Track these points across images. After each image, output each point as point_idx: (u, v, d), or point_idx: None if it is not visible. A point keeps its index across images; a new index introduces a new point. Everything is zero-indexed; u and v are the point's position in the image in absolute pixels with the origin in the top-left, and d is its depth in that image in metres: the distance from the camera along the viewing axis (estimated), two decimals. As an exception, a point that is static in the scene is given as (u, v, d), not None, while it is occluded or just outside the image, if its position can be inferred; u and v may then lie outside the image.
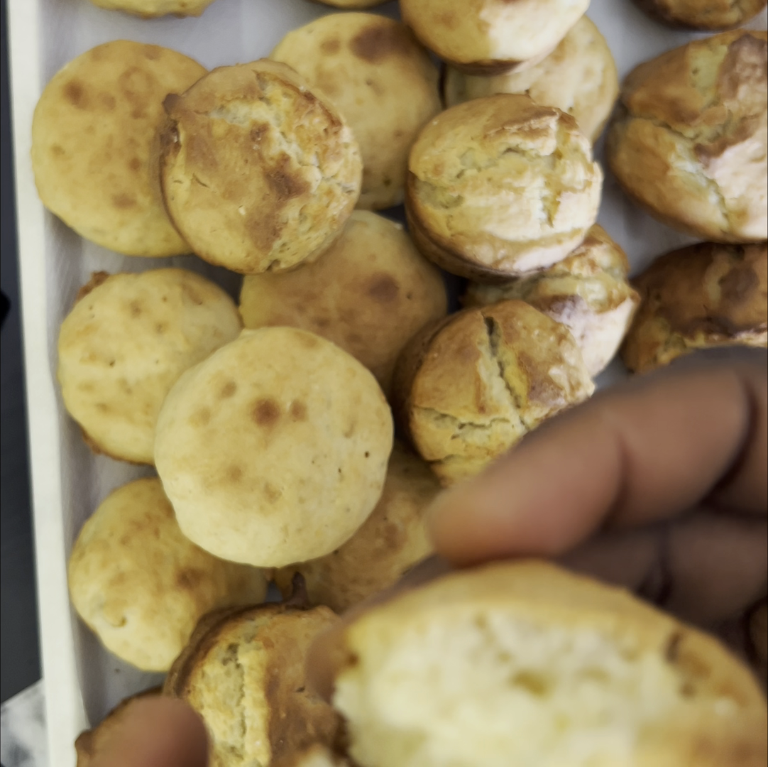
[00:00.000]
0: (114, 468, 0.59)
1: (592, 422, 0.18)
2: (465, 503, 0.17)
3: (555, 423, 0.19)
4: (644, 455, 0.18)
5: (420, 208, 0.51)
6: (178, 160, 0.47)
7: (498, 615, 0.15)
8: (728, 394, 0.18)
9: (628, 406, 0.18)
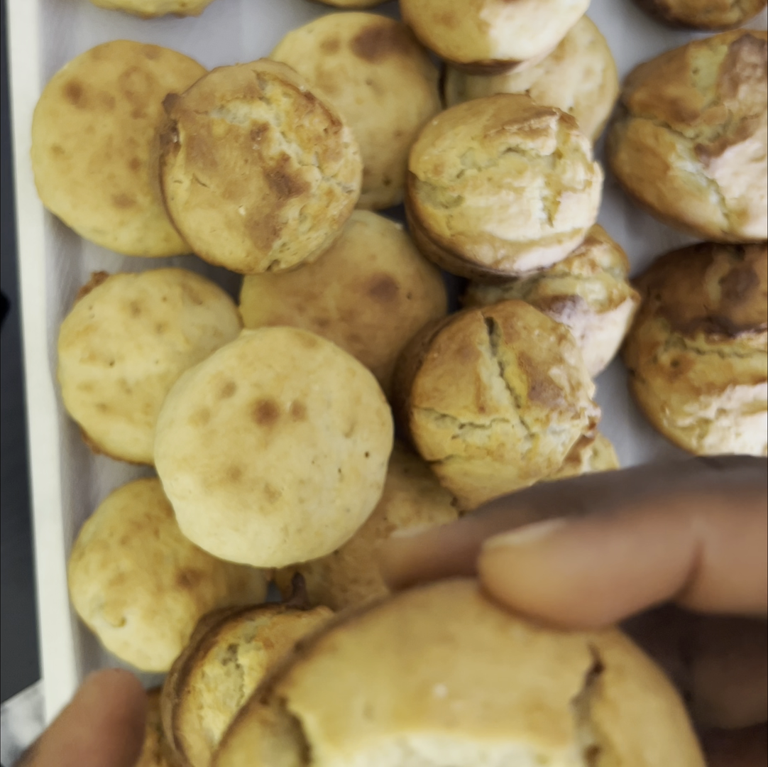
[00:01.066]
0: (114, 468, 0.59)
1: (676, 524, 0.17)
2: (516, 562, 0.17)
3: (641, 505, 0.17)
4: (718, 571, 0.17)
5: (420, 208, 0.51)
6: (178, 160, 0.47)
7: (417, 740, 0.16)
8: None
9: (723, 517, 0.17)
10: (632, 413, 0.64)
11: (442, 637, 0.17)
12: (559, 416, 0.48)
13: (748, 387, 0.54)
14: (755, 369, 0.54)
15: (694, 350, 0.56)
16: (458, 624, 0.17)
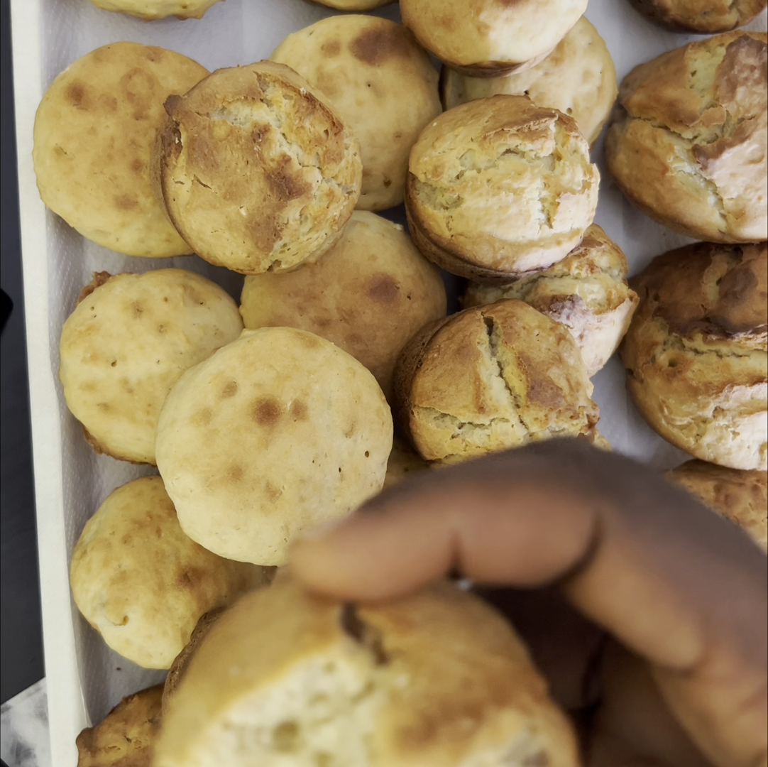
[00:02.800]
0: (116, 468, 0.59)
1: (435, 520, 0.20)
2: (308, 563, 0.20)
3: (404, 500, 0.20)
4: (474, 556, 0.20)
5: (420, 209, 0.52)
6: (180, 161, 0.47)
7: (233, 713, 0.18)
8: (576, 532, 0.20)
9: (476, 513, 0.20)
10: (630, 413, 0.64)
11: (224, 640, 0.20)
12: (558, 415, 0.48)
13: (746, 387, 0.55)
14: (753, 369, 0.55)
15: (691, 350, 0.57)
16: (233, 624, 0.21)
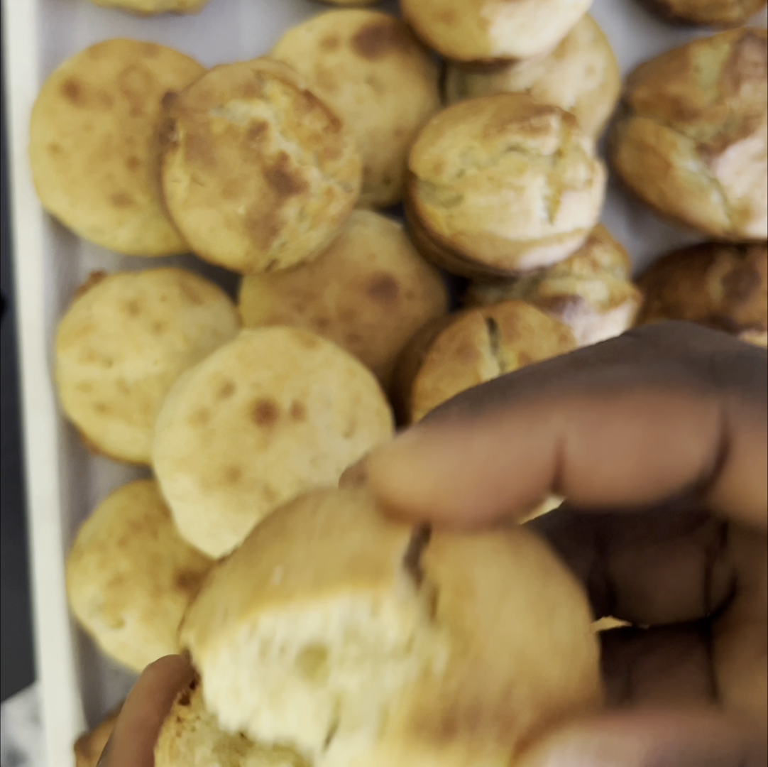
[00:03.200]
0: (112, 469, 0.58)
1: (536, 421, 0.18)
2: (389, 464, 0.18)
3: (503, 403, 0.18)
4: (581, 466, 0.17)
5: (420, 207, 0.51)
6: (177, 158, 0.47)
7: (265, 619, 0.17)
8: (699, 429, 0.17)
9: (583, 413, 0.17)
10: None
11: (278, 532, 0.19)
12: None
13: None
14: (757, 369, 0.54)
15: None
16: (293, 517, 0.19)
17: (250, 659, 0.17)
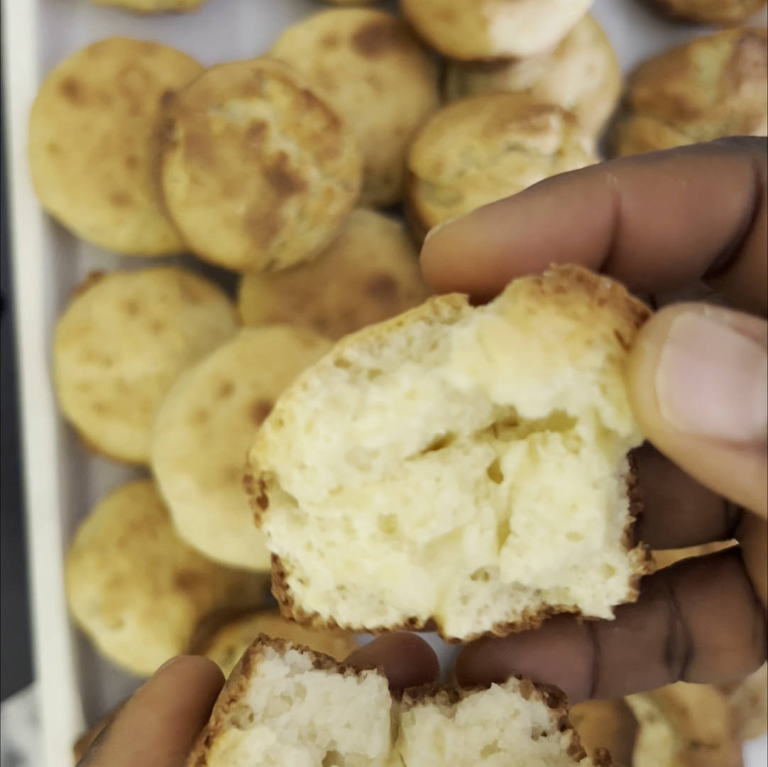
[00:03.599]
0: (111, 470, 0.58)
1: (592, 182, 0.18)
2: (454, 235, 0.19)
3: (560, 178, 0.19)
4: (637, 220, 0.18)
5: (420, 207, 0.51)
6: (176, 158, 0.47)
7: (349, 350, 0.19)
8: (737, 179, 0.18)
9: (634, 173, 0.19)
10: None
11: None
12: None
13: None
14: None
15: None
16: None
17: (341, 383, 0.19)
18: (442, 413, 0.19)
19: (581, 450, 0.18)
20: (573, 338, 0.17)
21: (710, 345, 0.16)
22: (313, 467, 0.19)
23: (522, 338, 0.17)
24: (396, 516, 0.19)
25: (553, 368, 0.17)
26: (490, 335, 0.17)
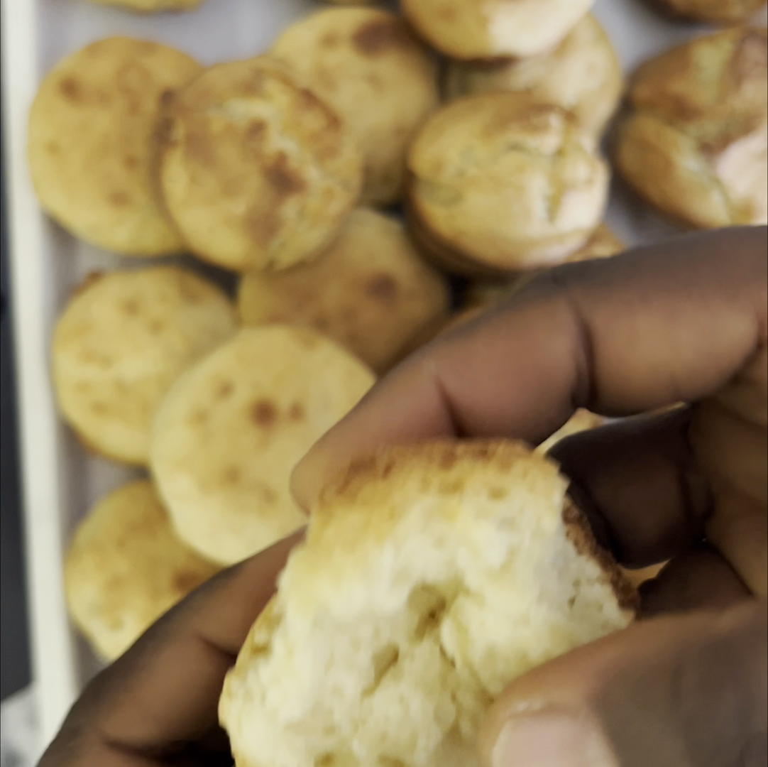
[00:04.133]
0: (110, 470, 0.58)
1: (412, 376, 0.19)
2: (302, 479, 0.19)
3: (384, 382, 0.19)
4: (464, 398, 0.18)
5: (420, 206, 0.51)
6: (176, 157, 0.47)
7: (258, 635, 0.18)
8: (554, 324, 0.18)
9: (449, 352, 0.19)
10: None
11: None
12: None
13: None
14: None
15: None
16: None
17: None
18: (345, 647, 0.18)
19: (486, 598, 0.17)
20: (369, 522, 0.16)
21: (534, 750, 0.16)
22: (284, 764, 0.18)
23: (322, 554, 0.16)
24: (385, 751, 0.18)
25: (366, 560, 0.16)
26: (297, 572, 0.17)
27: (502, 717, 0.16)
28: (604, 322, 0.18)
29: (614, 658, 0.15)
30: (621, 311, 0.18)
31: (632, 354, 0.18)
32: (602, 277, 0.18)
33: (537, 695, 0.16)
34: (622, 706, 0.15)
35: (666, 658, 0.15)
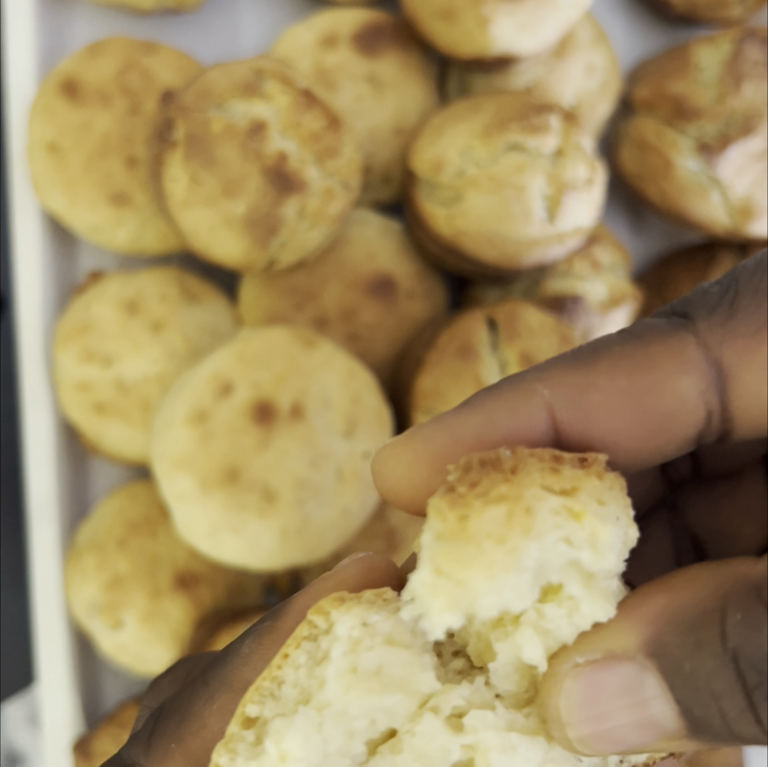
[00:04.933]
0: (111, 469, 0.58)
1: (521, 397, 0.19)
2: (387, 458, 0.19)
3: (489, 393, 0.19)
4: (576, 429, 0.18)
5: (420, 207, 0.51)
6: (176, 158, 0.47)
7: (250, 707, 0.18)
8: (682, 362, 0.18)
9: (566, 381, 0.18)
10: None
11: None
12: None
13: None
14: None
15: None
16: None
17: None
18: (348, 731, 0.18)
19: (581, 606, 0.18)
20: (512, 516, 0.17)
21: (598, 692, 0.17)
22: None
23: (471, 546, 0.17)
24: None
25: (516, 553, 0.17)
26: (445, 562, 0.17)
27: (565, 669, 0.17)
28: (736, 357, 0.18)
29: (662, 605, 0.17)
30: (751, 344, 0.17)
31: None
32: (725, 307, 0.18)
33: (595, 647, 0.17)
34: (674, 647, 0.16)
35: (711, 602, 0.16)
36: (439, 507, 0.17)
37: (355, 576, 0.20)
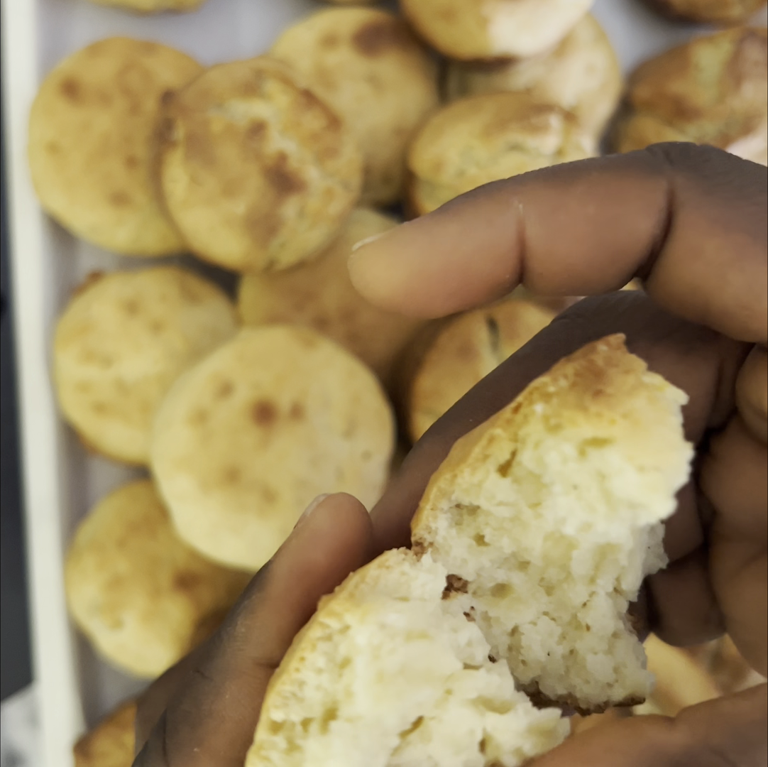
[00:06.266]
0: (111, 469, 0.58)
1: (497, 208, 0.19)
2: (365, 257, 0.19)
3: (467, 199, 0.19)
4: (541, 246, 0.19)
5: (420, 207, 0.51)
6: (176, 158, 0.47)
7: (274, 712, 0.18)
8: (647, 205, 0.18)
9: (540, 198, 0.19)
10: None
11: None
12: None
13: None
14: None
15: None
16: None
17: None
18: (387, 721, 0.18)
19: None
20: (653, 400, 0.17)
21: None
22: None
23: (646, 435, 0.17)
24: None
25: (679, 427, 0.17)
26: (643, 457, 0.17)
27: None
28: (691, 219, 0.18)
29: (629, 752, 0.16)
30: (709, 215, 0.18)
31: (692, 266, 0.18)
32: (708, 169, 0.19)
33: None
34: None
35: (678, 754, 0.16)
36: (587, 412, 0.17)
37: (326, 522, 0.19)
